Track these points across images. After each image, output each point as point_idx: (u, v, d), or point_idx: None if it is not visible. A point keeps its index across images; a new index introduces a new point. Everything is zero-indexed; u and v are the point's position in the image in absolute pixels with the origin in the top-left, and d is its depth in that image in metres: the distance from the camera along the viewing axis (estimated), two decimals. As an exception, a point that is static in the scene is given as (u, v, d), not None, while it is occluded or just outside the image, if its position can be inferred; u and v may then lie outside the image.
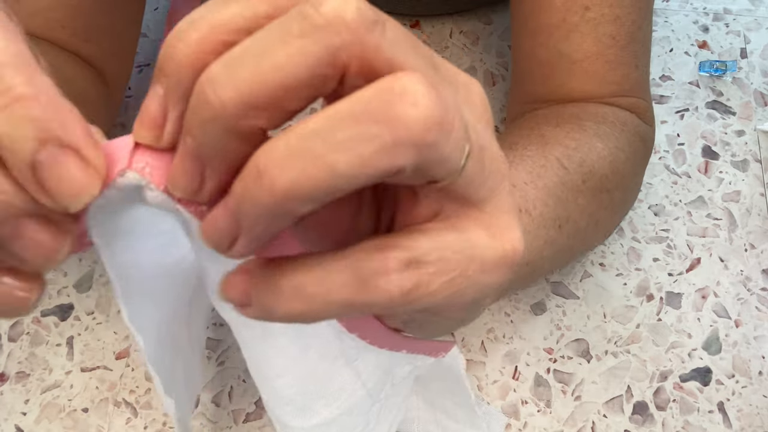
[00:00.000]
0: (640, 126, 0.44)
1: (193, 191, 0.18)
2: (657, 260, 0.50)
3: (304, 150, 0.16)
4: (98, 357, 0.46)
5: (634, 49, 0.43)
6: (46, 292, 0.48)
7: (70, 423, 0.44)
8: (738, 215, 0.51)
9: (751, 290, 0.48)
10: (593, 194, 0.39)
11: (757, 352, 0.46)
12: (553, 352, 0.46)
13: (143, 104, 0.18)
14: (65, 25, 0.44)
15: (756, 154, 0.54)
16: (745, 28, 0.61)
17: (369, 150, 0.16)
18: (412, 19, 0.61)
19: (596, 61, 0.42)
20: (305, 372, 0.26)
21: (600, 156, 0.40)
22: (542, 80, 0.44)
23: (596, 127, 0.41)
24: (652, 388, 0.45)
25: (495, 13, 0.62)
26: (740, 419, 0.44)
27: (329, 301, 0.18)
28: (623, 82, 0.43)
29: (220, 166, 0.17)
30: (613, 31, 0.42)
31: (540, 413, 0.44)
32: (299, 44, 0.16)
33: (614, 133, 0.41)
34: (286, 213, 0.17)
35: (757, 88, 0.57)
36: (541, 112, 0.44)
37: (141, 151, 0.19)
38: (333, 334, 0.25)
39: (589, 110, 0.42)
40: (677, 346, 0.46)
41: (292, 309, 0.18)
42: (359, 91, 0.16)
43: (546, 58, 0.43)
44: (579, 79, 0.43)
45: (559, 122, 0.41)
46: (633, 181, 0.44)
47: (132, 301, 0.25)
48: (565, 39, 0.42)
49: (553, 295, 0.48)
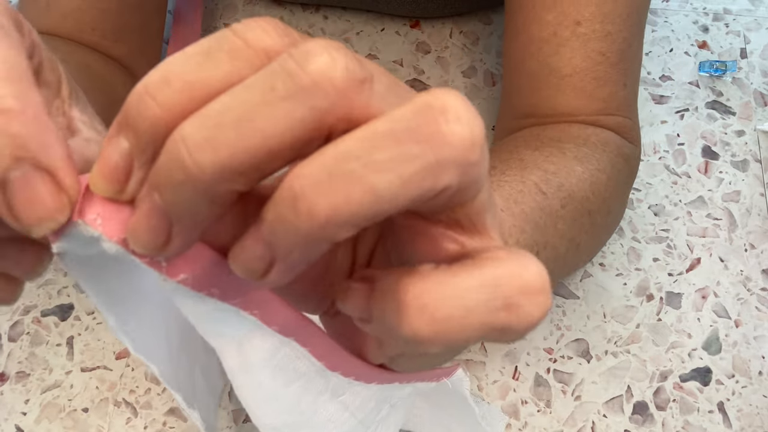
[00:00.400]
0: (623, 146, 0.44)
1: (157, 248, 0.17)
2: (657, 260, 0.50)
3: (343, 173, 0.15)
4: (98, 357, 0.46)
5: (624, 66, 0.43)
6: (46, 293, 0.49)
7: (70, 423, 0.44)
8: (738, 215, 0.51)
9: (751, 290, 0.48)
10: (573, 218, 0.38)
11: (757, 352, 0.46)
12: (553, 352, 0.46)
13: (103, 151, 0.17)
14: (95, 27, 0.45)
15: (756, 154, 0.54)
16: (745, 28, 0.61)
17: (412, 170, 0.15)
18: (412, 19, 0.61)
19: (585, 77, 0.42)
20: (288, 406, 0.25)
21: (580, 179, 0.39)
22: (530, 93, 0.44)
23: (576, 149, 0.40)
24: (652, 388, 0.45)
25: (495, 13, 0.62)
26: (740, 419, 0.44)
27: (466, 324, 0.16)
28: (610, 100, 0.43)
29: (190, 225, 0.16)
30: (604, 48, 0.42)
31: (540, 413, 0.44)
32: (284, 107, 0.15)
33: (595, 154, 0.41)
34: (326, 238, 0.16)
35: (757, 88, 0.57)
36: (521, 134, 0.44)
37: (94, 200, 0.17)
38: (315, 372, 0.23)
39: (572, 132, 0.42)
40: (677, 346, 0.46)
41: (419, 331, 0.16)
42: (397, 110, 0.15)
43: (535, 71, 0.43)
44: (566, 95, 0.42)
45: (538, 146, 0.41)
46: (616, 202, 0.43)
47: (132, 328, 0.24)
48: (554, 53, 0.42)
49: (553, 295, 0.48)
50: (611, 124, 0.43)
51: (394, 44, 0.60)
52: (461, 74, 0.58)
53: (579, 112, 0.43)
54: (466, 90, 0.57)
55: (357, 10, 0.61)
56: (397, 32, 0.60)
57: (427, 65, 0.58)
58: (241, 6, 0.62)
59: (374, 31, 0.60)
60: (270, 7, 0.62)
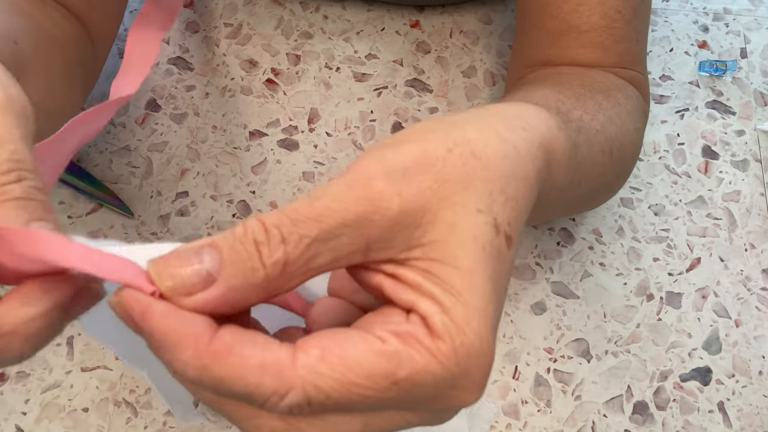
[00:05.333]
0: (643, 104, 0.45)
1: None
2: (657, 260, 0.50)
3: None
4: (98, 357, 0.46)
5: (637, 23, 0.44)
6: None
7: (70, 423, 0.44)
8: (738, 215, 0.51)
9: (751, 290, 0.48)
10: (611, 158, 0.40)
11: (757, 352, 0.46)
12: (553, 351, 0.46)
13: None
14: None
15: (756, 154, 0.54)
16: (745, 28, 0.61)
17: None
18: (413, 19, 0.61)
19: (603, 33, 0.43)
20: None
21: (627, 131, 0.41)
22: (548, 46, 0.45)
23: (626, 101, 0.42)
24: (652, 387, 0.45)
25: (495, 13, 0.62)
26: (740, 419, 0.44)
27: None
28: (625, 55, 0.44)
29: None
30: (619, 6, 0.43)
31: (540, 413, 0.44)
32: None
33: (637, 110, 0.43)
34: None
35: (757, 87, 0.57)
36: (548, 72, 0.45)
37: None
38: None
39: (613, 81, 0.43)
40: (677, 346, 0.46)
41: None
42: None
43: (554, 29, 0.44)
44: (586, 48, 0.44)
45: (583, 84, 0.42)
46: (631, 154, 0.44)
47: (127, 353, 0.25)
48: (574, 12, 0.43)
49: (553, 294, 0.48)
50: (627, 77, 0.45)
51: (394, 44, 0.60)
52: (461, 74, 0.58)
53: (596, 64, 0.44)
54: (466, 90, 0.57)
55: (357, 11, 0.61)
56: (397, 32, 0.60)
57: (427, 65, 0.58)
58: (241, 6, 0.62)
59: (374, 31, 0.61)
60: (270, 7, 0.62)
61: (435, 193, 0.23)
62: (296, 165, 0.54)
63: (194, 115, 0.56)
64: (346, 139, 0.55)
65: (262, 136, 0.55)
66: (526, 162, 0.26)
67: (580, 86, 0.40)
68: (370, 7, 0.62)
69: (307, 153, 0.54)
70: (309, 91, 0.57)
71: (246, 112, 0.56)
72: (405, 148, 0.24)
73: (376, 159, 0.23)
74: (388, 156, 0.23)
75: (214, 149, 0.54)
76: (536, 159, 0.27)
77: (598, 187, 0.41)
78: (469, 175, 0.24)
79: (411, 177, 0.23)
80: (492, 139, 0.25)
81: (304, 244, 0.21)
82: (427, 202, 0.23)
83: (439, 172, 0.23)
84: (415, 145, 0.24)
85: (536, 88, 0.39)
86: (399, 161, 0.23)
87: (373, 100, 0.57)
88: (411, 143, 0.24)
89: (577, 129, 0.35)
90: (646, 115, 0.46)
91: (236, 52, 0.59)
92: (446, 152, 0.24)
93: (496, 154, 0.25)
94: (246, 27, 0.61)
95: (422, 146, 0.24)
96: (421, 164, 0.23)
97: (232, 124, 0.56)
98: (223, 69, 0.58)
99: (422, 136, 0.25)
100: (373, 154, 0.23)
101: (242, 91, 0.57)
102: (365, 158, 0.23)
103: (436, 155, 0.24)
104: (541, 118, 0.29)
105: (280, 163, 0.54)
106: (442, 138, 0.24)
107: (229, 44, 0.60)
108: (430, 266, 0.22)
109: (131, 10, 0.62)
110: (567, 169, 0.33)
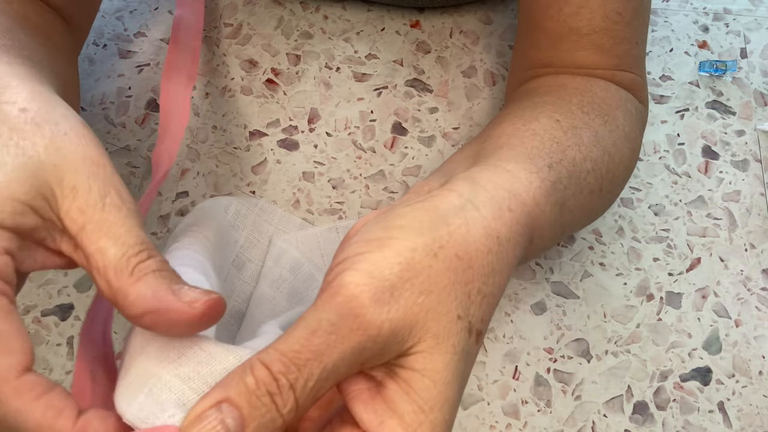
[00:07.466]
0: (641, 111, 0.45)
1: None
2: (657, 260, 0.50)
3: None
4: (98, 357, 0.46)
5: (636, 24, 0.44)
6: (46, 293, 0.49)
7: (70, 423, 0.44)
8: (738, 215, 0.51)
9: (751, 290, 0.48)
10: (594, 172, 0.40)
11: (757, 352, 0.46)
12: (553, 351, 0.46)
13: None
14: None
15: (756, 154, 0.54)
16: (745, 28, 0.61)
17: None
18: (413, 19, 0.61)
19: (603, 35, 0.44)
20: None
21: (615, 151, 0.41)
22: (549, 47, 0.45)
23: (625, 121, 0.43)
24: (652, 387, 0.45)
25: (495, 13, 0.62)
26: (740, 419, 0.44)
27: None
28: (625, 57, 0.45)
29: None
30: (620, 8, 0.43)
31: (540, 413, 0.44)
32: None
33: (626, 127, 0.43)
34: None
35: (757, 88, 0.57)
36: (546, 82, 0.45)
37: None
38: None
39: (608, 97, 0.44)
40: (677, 346, 0.46)
41: None
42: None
43: (555, 31, 0.44)
44: (586, 50, 0.44)
45: (585, 110, 0.42)
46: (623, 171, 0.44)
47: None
48: (575, 14, 0.43)
49: (553, 294, 0.48)
50: (626, 80, 0.45)
51: (394, 44, 0.60)
52: (461, 74, 0.58)
53: (597, 66, 0.44)
54: (466, 90, 0.57)
55: (357, 11, 0.61)
56: (397, 32, 0.60)
57: (427, 65, 0.58)
58: (240, 6, 0.62)
59: (374, 31, 0.61)
60: (270, 7, 0.62)
61: (421, 307, 0.26)
62: (296, 165, 0.54)
63: (194, 115, 0.56)
64: (346, 139, 0.55)
65: (262, 136, 0.55)
66: (508, 251, 0.29)
67: (579, 109, 0.40)
68: (370, 7, 0.62)
69: (307, 153, 0.54)
70: (309, 91, 0.57)
71: (246, 112, 0.56)
72: (390, 258, 0.26)
73: (362, 276, 0.25)
74: (374, 270, 0.26)
75: (214, 149, 0.54)
76: (517, 245, 0.30)
77: (585, 222, 0.42)
78: (451, 281, 0.26)
79: (398, 295, 0.25)
80: (477, 233, 0.28)
81: (309, 387, 0.23)
82: (414, 318, 0.25)
83: (424, 283, 0.26)
84: (401, 254, 0.26)
85: (535, 114, 0.39)
86: (386, 278, 0.26)
87: (373, 100, 0.57)
88: (396, 245, 0.26)
89: (568, 176, 0.36)
90: (645, 121, 0.46)
91: (236, 52, 0.59)
92: (432, 259, 0.26)
93: (480, 251, 0.28)
94: (246, 27, 0.61)
95: (408, 256, 0.26)
96: (407, 279, 0.26)
97: (232, 124, 0.56)
98: (223, 69, 0.58)
99: (408, 236, 0.27)
100: (360, 264, 0.26)
101: (242, 91, 0.57)
102: (352, 269, 0.26)
103: (422, 265, 0.26)
104: (530, 193, 0.32)
105: (280, 163, 0.54)
106: (429, 242, 0.27)
107: (229, 44, 0.60)
108: (412, 378, 0.25)
109: (131, 10, 0.62)
110: (551, 232, 0.36)
